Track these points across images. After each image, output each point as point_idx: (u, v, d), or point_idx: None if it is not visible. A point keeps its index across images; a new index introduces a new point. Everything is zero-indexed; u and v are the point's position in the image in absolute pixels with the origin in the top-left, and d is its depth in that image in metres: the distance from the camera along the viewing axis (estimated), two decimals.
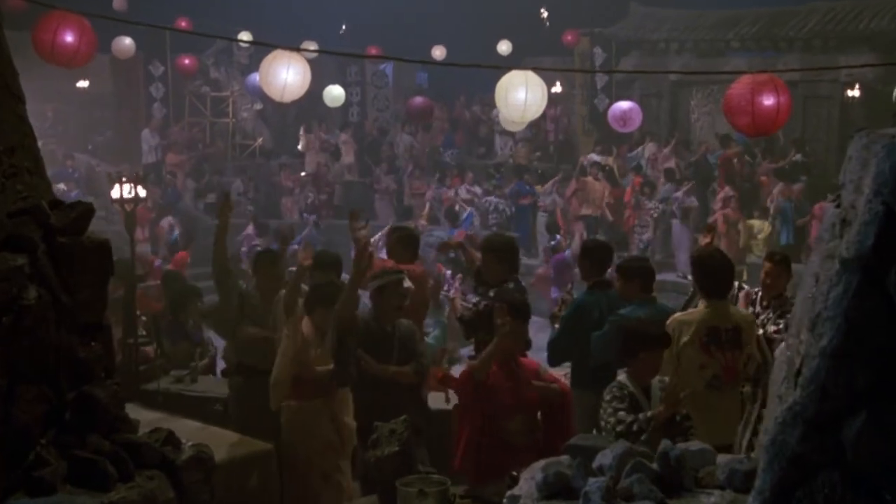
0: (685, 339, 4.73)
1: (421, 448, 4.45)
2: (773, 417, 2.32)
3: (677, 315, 4.90)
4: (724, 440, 4.52)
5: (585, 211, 15.13)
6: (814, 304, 2.26)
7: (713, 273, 4.86)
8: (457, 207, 15.67)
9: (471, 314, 5.36)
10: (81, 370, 2.92)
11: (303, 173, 18.96)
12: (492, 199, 16.00)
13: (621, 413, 3.99)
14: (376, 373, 4.83)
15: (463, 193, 16.34)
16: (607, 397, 4.15)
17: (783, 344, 2.61)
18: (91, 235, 3.03)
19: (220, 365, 6.47)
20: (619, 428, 3.94)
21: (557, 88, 18.03)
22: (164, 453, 2.96)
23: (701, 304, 4.87)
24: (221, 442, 5.13)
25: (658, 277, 13.87)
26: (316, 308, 5.09)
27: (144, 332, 6.91)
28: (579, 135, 19.50)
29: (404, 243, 6.02)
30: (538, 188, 16.29)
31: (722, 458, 2.77)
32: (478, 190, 16.62)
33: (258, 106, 20.85)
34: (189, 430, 5.14)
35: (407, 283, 4.85)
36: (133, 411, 5.42)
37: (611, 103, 17.08)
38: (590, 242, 6.25)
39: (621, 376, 4.29)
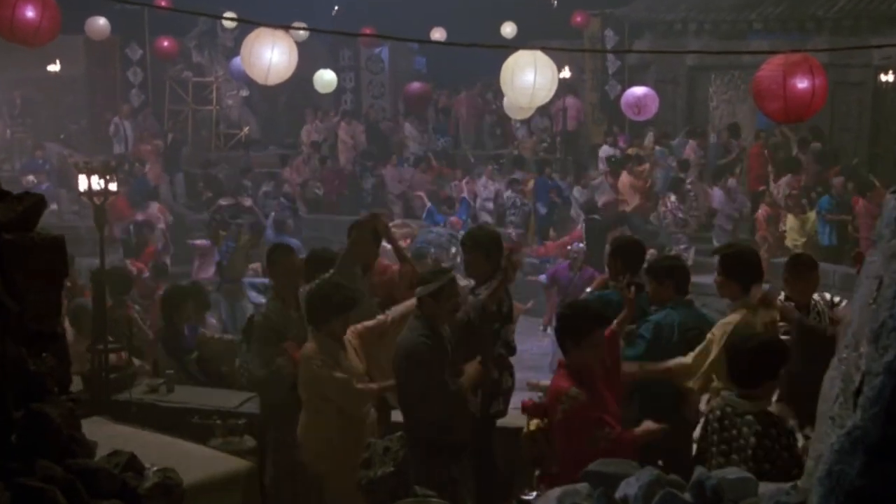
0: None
1: (458, 465, 4.61)
2: (826, 442, 2.15)
3: (735, 318, 4.83)
4: None
5: (628, 208, 14.90)
6: (877, 311, 2.11)
7: (750, 267, 4.88)
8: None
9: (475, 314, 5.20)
10: (31, 385, 2.73)
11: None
12: (509, 193, 15.99)
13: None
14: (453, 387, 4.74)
15: (482, 191, 16.32)
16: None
17: (835, 358, 2.41)
18: (42, 231, 2.83)
19: None
20: None
21: (566, 74, 17.94)
22: (125, 480, 2.77)
23: (740, 308, 4.86)
24: (197, 460, 4.93)
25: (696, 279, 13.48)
26: (332, 319, 4.93)
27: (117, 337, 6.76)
28: (588, 124, 19.46)
29: (369, 237, 5.91)
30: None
31: (765, 489, 2.59)
32: (494, 185, 16.60)
33: (244, 92, 20.78)
34: (161, 446, 5.00)
35: (462, 282, 4.81)
36: (100, 425, 5.36)
37: (623, 90, 17.03)
38: (620, 240, 6.21)
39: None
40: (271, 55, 7.57)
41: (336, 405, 4.96)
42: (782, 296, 5.71)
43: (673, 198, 14.34)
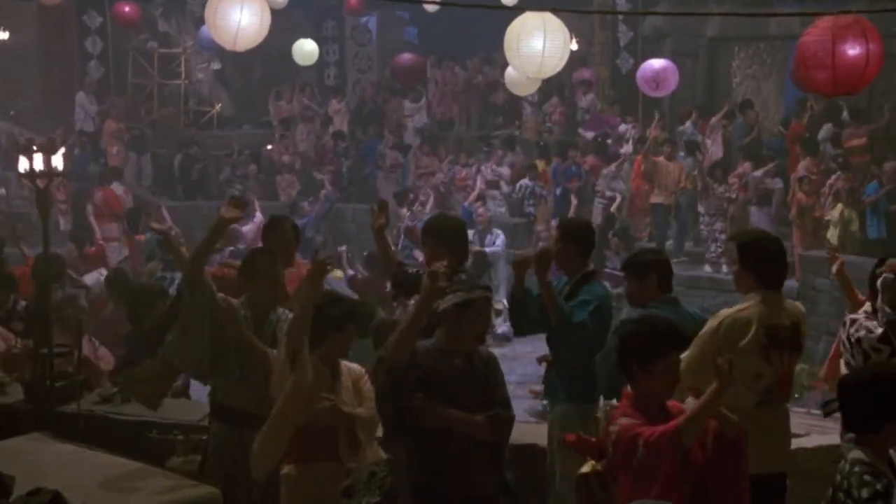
0: (744, 341, 4.50)
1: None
2: None
3: (729, 312, 4.63)
4: (774, 468, 4.49)
5: (656, 198, 14.91)
6: None
7: (768, 259, 4.67)
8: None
9: (410, 277, 5.16)
10: None
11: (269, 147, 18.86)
12: (525, 182, 15.77)
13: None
14: (444, 422, 4.19)
15: (488, 174, 16.14)
16: None
17: None
18: None
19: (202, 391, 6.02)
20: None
21: (574, 46, 17.66)
22: None
23: (752, 298, 4.62)
24: (151, 484, 4.75)
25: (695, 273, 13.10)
26: (329, 333, 4.54)
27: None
28: (599, 101, 19.04)
29: (288, 236, 5.77)
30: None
31: None
32: (505, 171, 16.46)
33: (216, 65, 20.67)
34: (109, 469, 4.86)
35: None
36: (39, 444, 5.16)
37: (637, 63, 16.83)
38: (570, 223, 6.07)
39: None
40: (240, 17, 7.28)
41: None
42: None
43: (723, 188, 14.13)
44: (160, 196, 17.83)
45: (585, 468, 3.97)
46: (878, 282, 5.33)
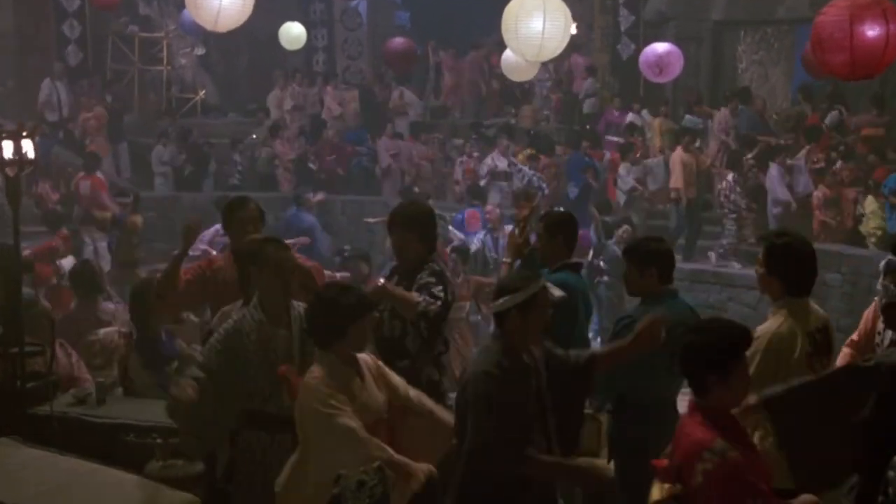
0: (795, 355, 4.50)
1: None
2: None
3: (768, 328, 4.54)
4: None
5: (674, 193, 14.69)
6: None
7: (799, 265, 4.63)
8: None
9: (440, 307, 5.06)
10: None
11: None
12: (525, 170, 15.66)
13: None
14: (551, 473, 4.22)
15: (502, 164, 16.00)
16: None
17: None
18: None
19: None
20: None
21: (572, 31, 17.53)
22: None
23: (783, 309, 4.58)
24: (126, 492, 4.60)
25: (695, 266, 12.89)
26: (348, 327, 4.37)
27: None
28: (597, 89, 18.98)
29: (254, 215, 5.70)
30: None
31: None
32: (505, 163, 16.22)
33: (199, 50, 20.57)
34: (82, 476, 4.70)
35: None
36: (8, 449, 5.00)
37: (638, 49, 16.81)
38: (555, 216, 6.06)
39: None
40: None
41: (333, 459, 4.27)
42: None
43: (730, 177, 13.93)
44: (141, 188, 17.46)
45: (662, 492, 3.73)
46: (882, 264, 5.27)
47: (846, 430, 4.04)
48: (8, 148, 6.05)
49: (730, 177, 13.86)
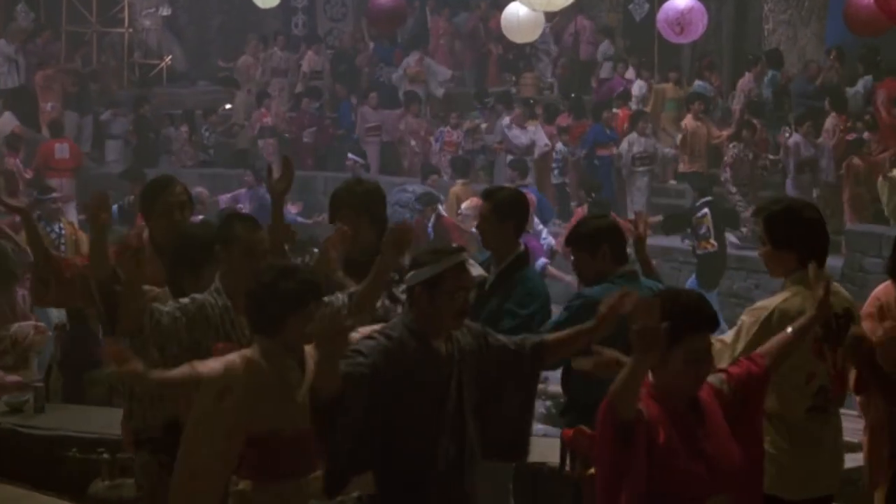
0: None
1: None
2: None
3: (771, 303, 4.40)
4: (824, 490, 4.47)
5: (689, 166, 14.78)
6: None
7: (806, 231, 4.46)
8: None
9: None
10: None
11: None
12: (559, 146, 15.57)
13: None
14: None
15: (517, 135, 15.96)
16: None
17: None
18: None
19: None
20: None
21: None
22: None
23: (794, 283, 4.40)
24: None
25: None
26: (288, 316, 4.19)
27: None
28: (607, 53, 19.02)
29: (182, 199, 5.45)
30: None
31: None
32: (525, 135, 16.15)
33: (165, 11, 20.43)
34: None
35: (475, 270, 4.24)
36: None
37: (653, 9, 16.75)
38: (503, 193, 5.84)
39: None
40: None
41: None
42: None
43: (735, 147, 14.00)
44: (100, 165, 17.74)
45: (594, 469, 3.70)
46: None
47: None
48: None
49: (736, 147, 13.95)
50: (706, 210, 12.56)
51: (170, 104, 19.05)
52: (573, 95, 17.37)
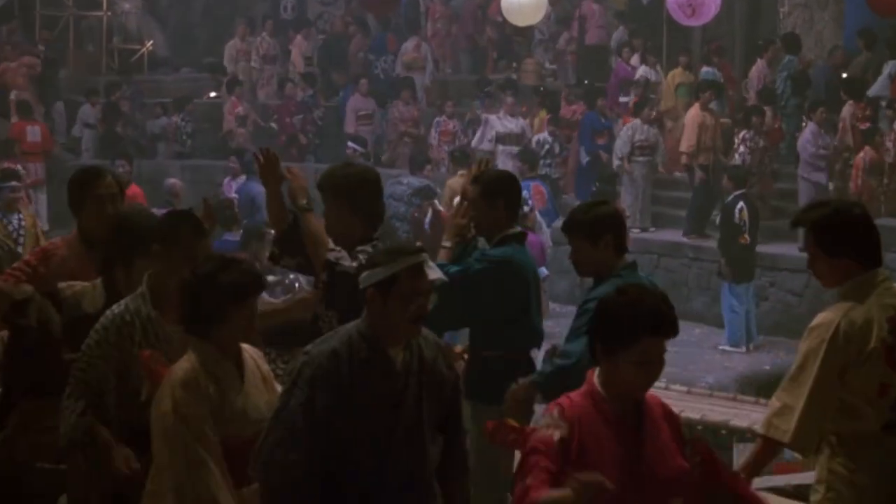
0: (869, 346, 4.19)
1: None
2: None
3: (834, 315, 4.22)
4: None
5: (687, 158, 14.69)
6: None
7: (860, 232, 4.34)
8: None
9: (355, 270, 4.74)
10: None
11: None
12: (543, 136, 15.48)
13: None
14: None
15: (497, 126, 15.89)
16: None
17: None
18: None
19: None
20: None
21: None
22: None
23: (853, 290, 4.30)
24: None
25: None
26: (227, 310, 4.14)
27: None
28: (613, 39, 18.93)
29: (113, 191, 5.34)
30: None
31: None
32: (516, 124, 16.20)
33: None
34: None
35: (433, 273, 4.07)
36: None
37: None
38: (491, 174, 5.77)
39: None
40: None
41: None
42: None
43: (746, 135, 13.81)
44: (76, 156, 17.53)
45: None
46: None
47: None
48: None
49: (746, 135, 13.82)
50: (742, 204, 12.54)
51: (152, 92, 18.88)
52: (586, 82, 17.25)
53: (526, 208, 11.78)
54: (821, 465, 4.27)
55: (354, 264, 4.72)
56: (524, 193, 13.37)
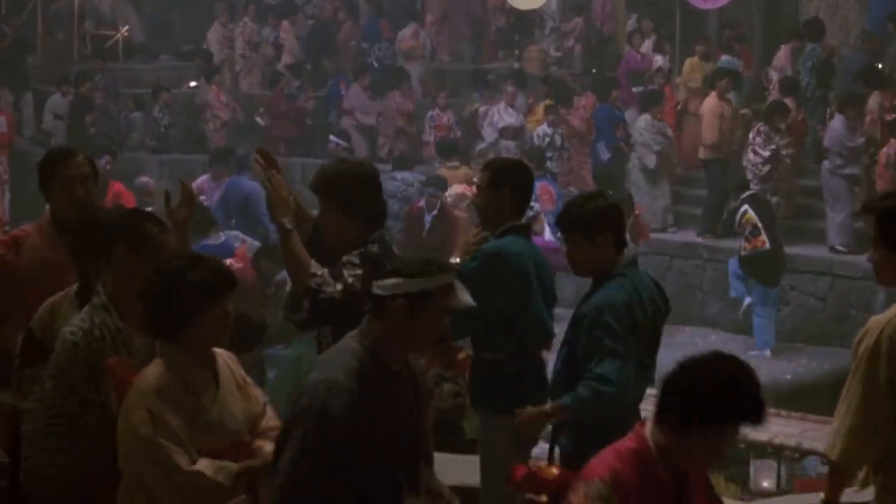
0: None
1: None
2: None
3: (884, 318, 4.24)
4: None
5: (704, 153, 14.70)
6: None
7: None
8: None
9: (340, 294, 4.82)
10: None
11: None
12: (543, 128, 15.39)
13: None
14: None
15: (504, 117, 15.91)
16: None
17: None
18: None
19: None
20: None
21: None
22: None
23: None
24: None
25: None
26: (191, 316, 4.11)
27: None
28: (619, 26, 18.90)
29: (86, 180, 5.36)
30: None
31: None
32: (516, 118, 16.20)
33: None
34: None
35: (464, 296, 4.10)
36: None
37: None
38: (501, 161, 6.33)
39: None
40: None
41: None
42: None
43: (762, 127, 13.74)
44: (46, 146, 16.96)
45: None
46: None
47: None
48: None
49: (762, 128, 13.77)
50: (747, 207, 12.53)
51: (127, 82, 18.67)
52: (594, 71, 17.21)
53: (531, 212, 11.69)
54: (876, 485, 4.22)
55: (339, 287, 4.74)
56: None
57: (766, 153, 13.57)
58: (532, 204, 11.62)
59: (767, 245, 12.36)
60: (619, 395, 4.64)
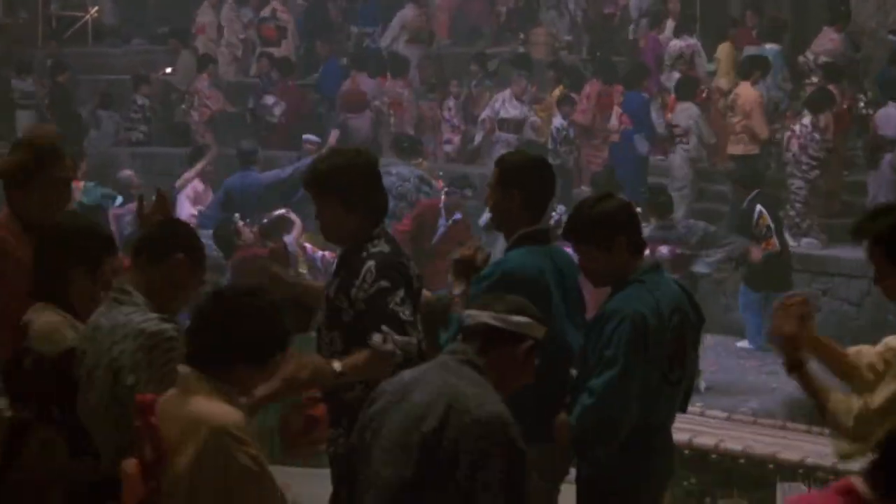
0: None
1: None
2: None
3: None
4: None
5: (735, 148, 14.58)
6: None
7: None
8: None
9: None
10: None
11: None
12: (558, 121, 15.26)
13: None
14: None
15: (509, 108, 15.82)
16: None
17: None
18: None
19: None
20: None
21: None
22: None
23: None
24: None
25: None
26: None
27: None
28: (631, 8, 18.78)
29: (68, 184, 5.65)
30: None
31: None
32: (520, 109, 15.99)
33: None
34: None
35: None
36: None
37: None
38: (514, 154, 6.26)
39: None
40: None
41: None
42: None
43: (807, 121, 13.46)
44: (9, 139, 16.39)
45: None
46: None
47: None
48: None
49: (806, 120, 13.57)
50: (760, 207, 12.51)
51: (97, 67, 18.58)
52: (598, 55, 17.00)
53: (556, 215, 11.55)
54: None
55: (418, 333, 4.81)
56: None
57: (815, 146, 13.44)
58: (557, 207, 11.58)
59: (777, 246, 12.30)
60: (600, 407, 4.59)
